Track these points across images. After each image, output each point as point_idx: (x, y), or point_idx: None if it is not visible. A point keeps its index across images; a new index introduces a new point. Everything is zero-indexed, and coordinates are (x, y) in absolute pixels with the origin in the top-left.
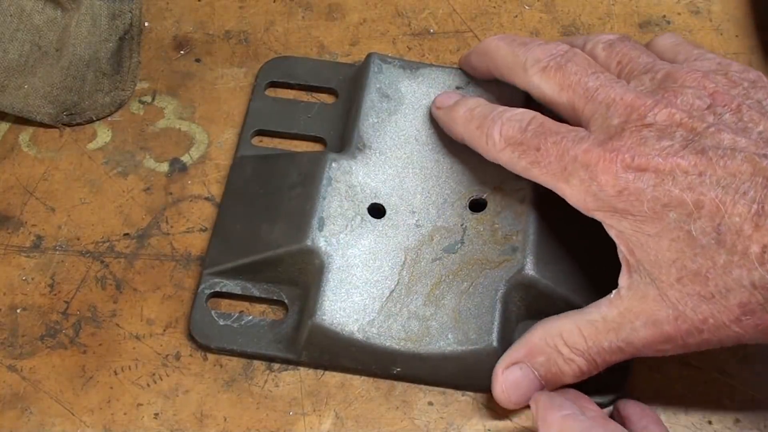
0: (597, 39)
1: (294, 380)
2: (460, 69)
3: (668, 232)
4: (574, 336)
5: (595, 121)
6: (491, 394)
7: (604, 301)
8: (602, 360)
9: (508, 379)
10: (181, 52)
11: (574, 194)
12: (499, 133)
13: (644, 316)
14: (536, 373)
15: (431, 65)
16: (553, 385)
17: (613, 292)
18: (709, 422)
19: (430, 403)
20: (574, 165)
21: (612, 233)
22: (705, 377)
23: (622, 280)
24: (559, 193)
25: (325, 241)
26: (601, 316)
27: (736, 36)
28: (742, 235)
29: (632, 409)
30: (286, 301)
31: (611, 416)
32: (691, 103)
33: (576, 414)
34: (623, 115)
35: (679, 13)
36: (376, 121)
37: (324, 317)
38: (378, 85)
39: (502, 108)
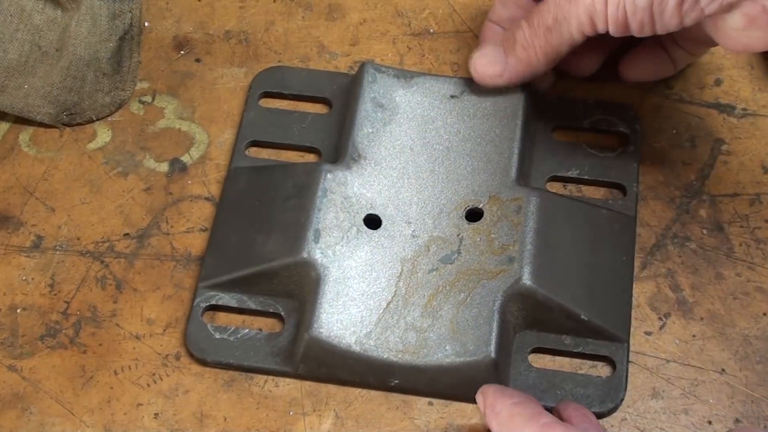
0: None
1: (294, 380)
2: (455, 78)
3: None
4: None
5: None
6: None
7: None
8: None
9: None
10: (181, 52)
11: None
12: None
13: None
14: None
15: (426, 74)
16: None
17: None
18: (709, 422)
19: (430, 403)
20: None
21: None
22: (705, 377)
23: None
24: None
25: (321, 253)
26: None
27: None
28: None
29: (573, 411)
30: (282, 313)
31: None
32: None
33: (526, 402)
34: None
35: None
36: (370, 131)
37: (321, 330)
38: (372, 95)
39: None
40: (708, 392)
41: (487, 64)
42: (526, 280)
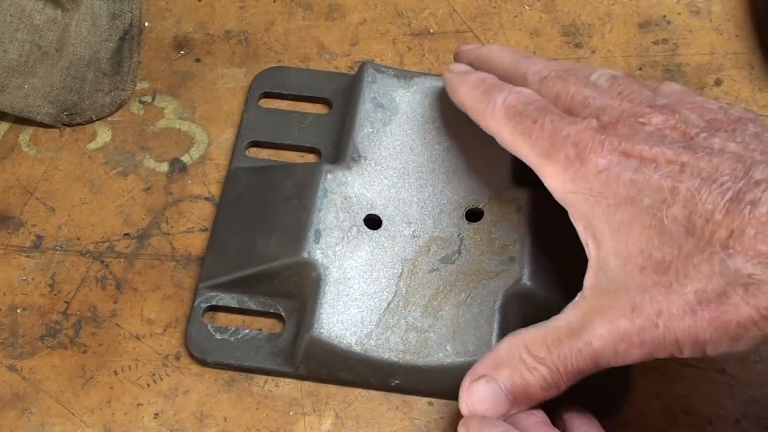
0: (601, 72)
1: (294, 380)
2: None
3: (640, 219)
4: (538, 344)
5: (591, 119)
6: None
7: (570, 305)
8: (565, 368)
9: (474, 394)
10: (181, 52)
11: (555, 173)
12: (503, 100)
13: (602, 313)
14: (502, 386)
15: (425, 74)
16: (523, 399)
17: (578, 294)
18: (710, 422)
19: (430, 403)
20: (564, 142)
21: (580, 226)
22: (705, 377)
23: (587, 280)
24: (539, 172)
25: (322, 253)
26: (566, 321)
27: (736, 36)
28: (711, 221)
29: (574, 413)
30: (283, 314)
31: (554, 422)
32: (687, 116)
33: (509, 429)
34: (618, 114)
35: (679, 13)
36: (370, 131)
37: (321, 330)
38: (372, 95)
39: (513, 85)
40: (708, 392)
41: (485, 402)
42: (527, 279)
